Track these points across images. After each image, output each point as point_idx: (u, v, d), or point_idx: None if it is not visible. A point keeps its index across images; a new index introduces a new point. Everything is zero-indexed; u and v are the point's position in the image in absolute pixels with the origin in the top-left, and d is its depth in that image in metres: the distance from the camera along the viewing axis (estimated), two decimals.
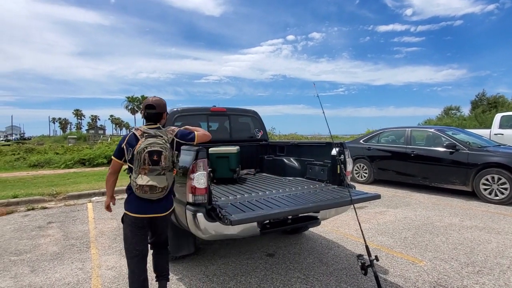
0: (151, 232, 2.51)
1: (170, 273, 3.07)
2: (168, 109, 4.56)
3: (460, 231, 4.28)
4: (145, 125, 2.44)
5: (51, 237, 4.40)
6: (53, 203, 6.55)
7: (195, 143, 2.52)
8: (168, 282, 2.63)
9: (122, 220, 2.42)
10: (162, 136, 2.30)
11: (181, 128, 2.57)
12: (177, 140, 2.43)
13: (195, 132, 2.54)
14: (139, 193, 2.24)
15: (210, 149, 3.97)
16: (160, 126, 2.46)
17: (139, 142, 2.24)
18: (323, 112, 2.85)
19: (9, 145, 24.38)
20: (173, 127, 2.52)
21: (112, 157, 2.44)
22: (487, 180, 5.90)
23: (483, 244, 3.79)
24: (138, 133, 2.31)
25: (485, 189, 5.92)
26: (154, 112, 2.42)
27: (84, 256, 3.69)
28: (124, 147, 2.32)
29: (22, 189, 7.48)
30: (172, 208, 2.49)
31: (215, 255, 3.62)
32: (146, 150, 2.18)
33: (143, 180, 2.19)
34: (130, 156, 2.28)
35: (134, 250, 2.35)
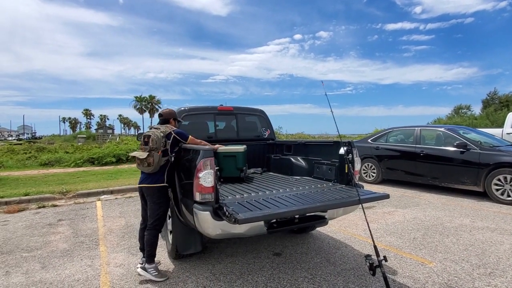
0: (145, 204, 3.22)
1: (177, 271, 3.10)
2: (176, 108, 4.60)
3: (471, 232, 4.19)
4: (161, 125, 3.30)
5: (61, 234, 4.46)
6: (63, 201, 6.65)
7: (186, 142, 3.17)
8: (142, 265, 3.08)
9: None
10: (159, 129, 3.11)
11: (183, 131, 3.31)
12: (174, 135, 3.12)
13: (191, 136, 3.25)
14: (136, 165, 3.14)
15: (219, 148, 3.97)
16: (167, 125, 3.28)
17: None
18: (331, 111, 2.83)
19: (21, 144, 24.87)
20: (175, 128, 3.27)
21: None
22: (499, 180, 5.77)
23: (495, 246, 3.71)
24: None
25: (497, 190, 5.79)
26: (161, 119, 3.39)
27: (93, 253, 3.73)
28: None
29: (33, 187, 7.61)
30: (159, 185, 3.04)
31: (222, 254, 3.62)
32: (142, 135, 3.15)
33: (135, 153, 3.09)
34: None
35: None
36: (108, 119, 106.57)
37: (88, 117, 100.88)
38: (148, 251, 3.03)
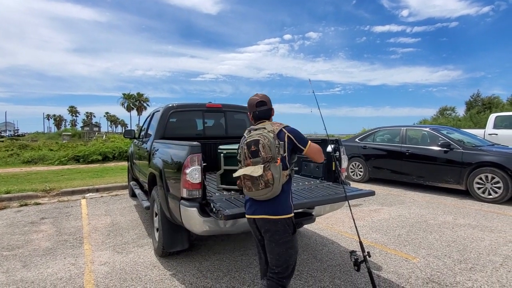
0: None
1: (164, 269, 3.05)
2: (163, 105, 4.55)
3: (454, 229, 4.31)
4: (257, 123, 2.17)
5: (44, 232, 4.35)
6: (47, 199, 6.49)
7: (304, 152, 2.07)
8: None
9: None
10: (263, 128, 2.02)
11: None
12: (288, 134, 2.02)
13: (310, 142, 2.10)
14: (245, 190, 2.02)
15: (220, 146, 3.71)
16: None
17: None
18: (319, 108, 2.84)
19: (2, 141, 24.09)
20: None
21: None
22: (480, 179, 5.94)
23: (476, 242, 3.82)
24: (245, 133, 2.15)
25: (479, 188, 5.96)
26: (266, 109, 2.17)
27: (77, 251, 3.66)
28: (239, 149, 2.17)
29: (15, 185, 7.40)
30: (287, 216, 1.99)
31: (209, 251, 3.61)
32: (244, 143, 2.03)
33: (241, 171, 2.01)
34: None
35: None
36: (94, 116, 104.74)
37: (74, 114, 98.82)
38: None
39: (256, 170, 1.91)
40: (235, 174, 2.04)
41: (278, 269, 2.00)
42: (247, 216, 2.10)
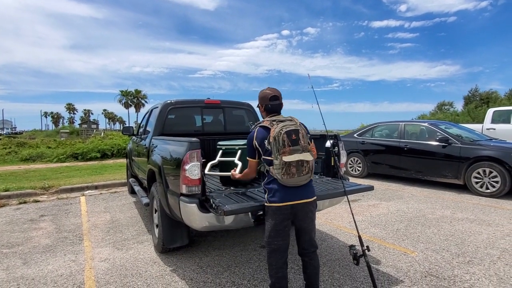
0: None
1: (164, 265, 3.06)
2: (162, 101, 4.54)
3: (452, 223, 4.34)
4: (268, 117, 2.29)
5: (43, 230, 4.35)
6: (45, 196, 6.48)
7: (310, 146, 2.22)
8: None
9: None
10: (291, 120, 2.23)
11: None
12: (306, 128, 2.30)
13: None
14: (285, 178, 2.10)
15: (219, 142, 3.63)
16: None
17: (272, 129, 2.13)
18: (317, 103, 2.84)
19: (0, 139, 24.00)
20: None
21: (248, 158, 2.34)
22: (478, 173, 5.97)
23: (474, 236, 3.85)
24: (266, 124, 2.21)
25: (477, 182, 6.00)
26: (278, 103, 2.33)
27: (77, 248, 3.66)
28: (256, 143, 2.22)
29: (14, 182, 7.38)
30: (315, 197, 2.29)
31: (209, 247, 3.62)
32: (282, 132, 2.09)
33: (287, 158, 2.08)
34: (266, 149, 2.16)
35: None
36: (92, 113, 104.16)
37: (71, 111, 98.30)
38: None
39: (308, 156, 2.14)
40: (289, 159, 2.08)
41: (315, 243, 2.36)
42: (283, 204, 2.16)
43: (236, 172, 2.75)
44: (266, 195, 2.25)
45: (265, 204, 2.26)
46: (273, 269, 2.26)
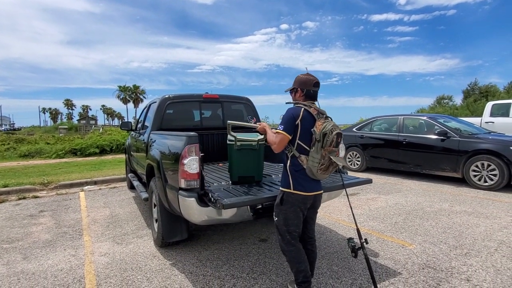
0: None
1: (163, 259, 3.07)
2: (160, 96, 4.52)
3: (450, 216, 4.36)
4: (309, 103, 2.28)
5: (43, 225, 4.37)
6: (45, 192, 6.49)
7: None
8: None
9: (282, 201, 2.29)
10: (331, 119, 2.27)
11: None
12: None
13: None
14: (319, 173, 2.16)
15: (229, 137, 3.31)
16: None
17: (320, 123, 2.16)
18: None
19: None
20: None
21: (282, 132, 2.20)
22: (477, 166, 5.99)
23: (471, 228, 3.87)
24: (313, 112, 2.22)
25: (475, 176, 6.02)
26: (317, 90, 2.34)
27: (76, 243, 3.68)
28: (300, 123, 2.19)
29: (13, 178, 7.38)
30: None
31: (208, 241, 3.64)
32: (334, 132, 2.11)
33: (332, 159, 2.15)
34: (307, 136, 2.19)
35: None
36: (90, 109, 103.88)
37: (70, 107, 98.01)
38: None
39: (341, 161, 2.26)
40: (340, 163, 2.20)
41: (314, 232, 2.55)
42: (309, 193, 2.26)
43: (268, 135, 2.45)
44: (290, 180, 2.23)
45: (287, 190, 2.25)
46: (299, 258, 2.31)
